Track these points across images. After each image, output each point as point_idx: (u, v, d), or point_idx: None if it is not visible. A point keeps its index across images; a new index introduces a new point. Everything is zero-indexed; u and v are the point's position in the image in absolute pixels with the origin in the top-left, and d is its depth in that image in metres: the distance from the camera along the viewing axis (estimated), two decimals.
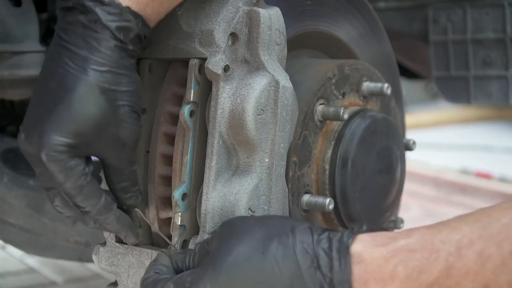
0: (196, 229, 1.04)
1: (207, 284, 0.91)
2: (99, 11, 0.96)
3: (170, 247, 1.03)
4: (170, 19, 1.05)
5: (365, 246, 0.90)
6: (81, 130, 0.95)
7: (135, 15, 0.97)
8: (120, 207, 1.03)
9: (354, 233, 0.92)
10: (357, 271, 0.89)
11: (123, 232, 1.03)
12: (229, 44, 1.02)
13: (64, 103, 0.95)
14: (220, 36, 1.01)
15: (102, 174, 1.04)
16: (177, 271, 0.99)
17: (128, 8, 0.97)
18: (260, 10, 1.03)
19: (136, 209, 1.04)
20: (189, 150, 1.03)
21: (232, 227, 0.96)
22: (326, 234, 0.93)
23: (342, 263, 0.90)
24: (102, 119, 0.96)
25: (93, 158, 1.01)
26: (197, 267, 0.96)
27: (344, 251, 0.90)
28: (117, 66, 0.97)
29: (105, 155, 0.99)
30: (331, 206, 1.09)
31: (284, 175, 1.05)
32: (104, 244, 1.11)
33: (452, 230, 0.89)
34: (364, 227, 0.93)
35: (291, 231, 0.93)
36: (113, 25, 0.96)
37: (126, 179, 1.01)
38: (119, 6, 0.96)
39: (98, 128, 0.96)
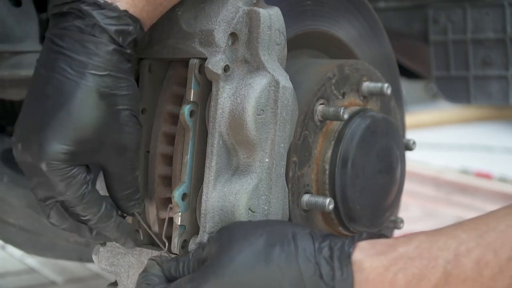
0: (196, 229, 1.04)
1: None
2: (96, 15, 0.95)
3: (161, 254, 1.02)
4: (170, 19, 1.05)
5: (365, 255, 0.91)
6: (82, 136, 0.94)
7: (133, 18, 0.97)
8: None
9: (354, 242, 0.92)
10: (358, 279, 0.90)
11: (123, 239, 1.03)
12: (229, 44, 1.02)
13: (64, 110, 0.94)
14: (220, 36, 1.01)
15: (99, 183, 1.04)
16: (170, 279, 0.98)
17: (126, 11, 0.96)
18: (260, 10, 1.03)
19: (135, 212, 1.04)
20: (189, 150, 1.03)
21: (231, 234, 0.96)
22: (327, 242, 0.93)
23: (344, 272, 0.90)
24: (104, 124, 0.95)
25: None
26: (195, 274, 0.95)
27: (345, 260, 0.91)
28: (116, 70, 0.96)
29: (107, 161, 0.98)
30: (331, 206, 1.09)
31: (284, 175, 1.05)
32: (104, 244, 1.11)
33: (449, 238, 0.90)
34: (364, 235, 0.94)
35: (293, 238, 0.93)
36: (112, 28, 0.95)
37: (129, 186, 1.00)
38: (117, 9, 0.96)
39: (100, 133, 0.95)
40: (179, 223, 1.03)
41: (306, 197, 1.10)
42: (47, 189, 0.96)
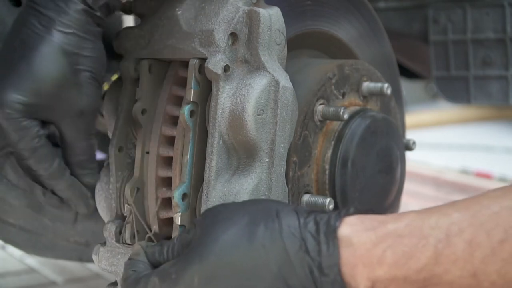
0: None
1: (194, 273, 0.90)
2: None
3: (146, 239, 1.01)
4: (170, 19, 1.05)
5: (353, 230, 0.89)
6: (39, 89, 0.96)
7: None
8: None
9: (341, 216, 0.90)
10: (345, 255, 0.88)
11: (74, 200, 1.02)
12: (229, 44, 1.02)
13: (25, 62, 0.96)
14: (220, 36, 1.01)
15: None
16: (155, 264, 0.97)
17: None
18: (260, 10, 1.03)
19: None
20: (189, 150, 1.03)
21: (214, 215, 0.94)
22: (312, 217, 0.91)
23: (330, 246, 0.88)
24: (62, 81, 0.96)
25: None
26: (180, 257, 0.94)
27: (331, 235, 0.89)
28: (82, 30, 0.98)
29: (61, 121, 0.99)
30: (331, 206, 1.09)
31: (284, 175, 1.05)
32: (104, 244, 1.11)
33: (441, 216, 0.88)
34: (351, 209, 0.92)
35: (276, 215, 0.91)
36: None
37: (82, 152, 1.01)
38: None
39: (57, 89, 0.96)
40: (179, 223, 1.03)
41: (306, 197, 1.10)
42: (1, 138, 0.97)
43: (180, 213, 1.03)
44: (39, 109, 0.96)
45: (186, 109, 1.03)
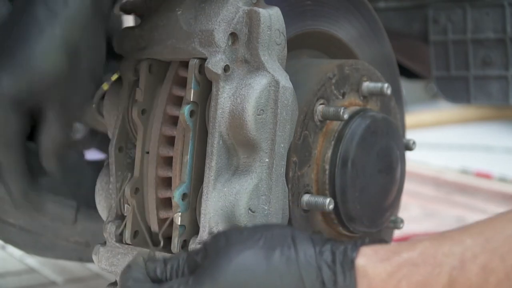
0: (196, 229, 1.04)
1: None
2: None
3: (150, 252, 0.98)
4: (170, 19, 1.05)
5: (368, 260, 0.89)
6: (34, 79, 0.94)
7: None
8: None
9: (358, 246, 0.90)
10: (361, 286, 0.88)
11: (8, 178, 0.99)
12: (229, 44, 1.02)
13: (23, 50, 0.94)
14: (220, 36, 1.01)
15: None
16: (153, 280, 0.93)
17: None
18: (260, 10, 1.03)
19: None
20: (189, 150, 1.03)
21: (228, 237, 0.92)
22: (328, 246, 0.90)
23: (347, 277, 0.88)
24: (58, 74, 0.95)
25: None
26: (191, 277, 0.91)
27: (348, 265, 0.88)
28: (85, 25, 0.96)
29: (48, 113, 0.97)
30: (331, 206, 1.09)
31: (284, 175, 1.05)
32: (104, 244, 1.11)
33: (454, 243, 0.88)
34: (367, 240, 0.91)
35: (293, 241, 0.90)
36: None
37: (55, 144, 0.99)
38: None
39: (52, 82, 0.94)
40: (179, 223, 1.03)
41: (306, 197, 1.10)
42: None
43: (180, 213, 1.03)
44: (30, 99, 0.94)
45: (186, 109, 1.03)
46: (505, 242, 0.86)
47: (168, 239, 1.06)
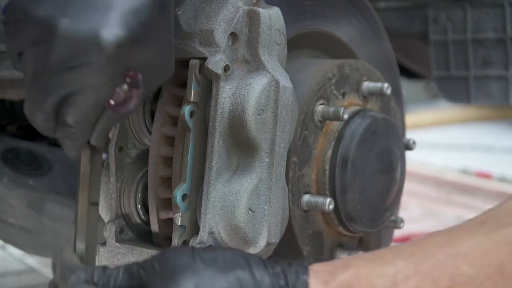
0: (196, 229, 1.04)
1: None
2: None
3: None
4: None
5: (313, 283, 0.88)
6: (135, 19, 0.87)
7: None
8: None
9: (307, 268, 0.89)
10: None
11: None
12: (229, 44, 1.02)
13: None
14: (220, 36, 1.01)
15: None
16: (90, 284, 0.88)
17: None
18: (260, 10, 1.03)
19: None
20: (189, 151, 1.03)
21: (176, 258, 0.87)
22: (279, 268, 0.88)
23: None
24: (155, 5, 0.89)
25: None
26: None
27: (302, 286, 0.87)
28: None
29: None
30: (331, 206, 1.09)
31: (284, 175, 1.05)
32: (104, 244, 1.11)
33: (386, 264, 0.88)
34: (306, 262, 0.90)
35: (247, 264, 0.88)
36: None
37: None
38: None
39: (150, 18, 0.88)
40: (179, 224, 1.03)
41: (306, 197, 1.10)
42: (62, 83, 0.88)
43: (180, 214, 1.03)
44: (134, 46, 0.88)
45: (186, 110, 1.03)
46: (436, 266, 0.86)
47: (168, 240, 1.06)
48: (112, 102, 0.91)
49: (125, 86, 0.89)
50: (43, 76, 0.89)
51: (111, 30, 0.86)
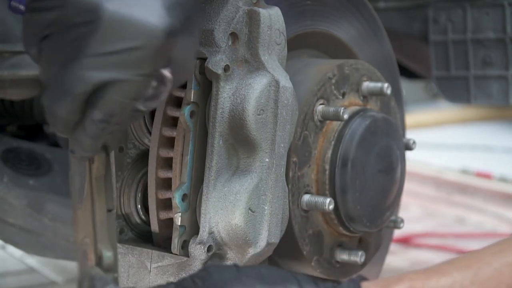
0: (196, 229, 1.04)
1: None
2: None
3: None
4: None
5: None
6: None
7: None
8: None
9: (357, 284, 0.89)
10: None
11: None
12: (229, 44, 1.02)
13: None
14: (220, 36, 1.01)
15: None
16: None
17: None
18: (260, 10, 1.03)
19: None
20: (189, 151, 1.03)
21: (220, 273, 0.87)
22: (329, 284, 0.89)
23: None
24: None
25: None
26: None
27: None
28: None
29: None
30: (331, 206, 1.09)
31: (284, 175, 1.05)
32: None
33: (442, 276, 0.88)
34: (357, 279, 0.90)
35: (295, 279, 0.88)
36: None
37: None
38: None
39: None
40: (179, 224, 1.03)
41: (306, 197, 1.10)
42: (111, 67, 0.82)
43: (180, 214, 1.03)
44: (178, 38, 0.83)
45: (186, 110, 1.03)
46: (493, 276, 0.86)
47: (168, 240, 1.06)
48: None
49: (155, 82, 0.85)
50: (79, 60, 0.81)
51: (162, 18, 0.82)
